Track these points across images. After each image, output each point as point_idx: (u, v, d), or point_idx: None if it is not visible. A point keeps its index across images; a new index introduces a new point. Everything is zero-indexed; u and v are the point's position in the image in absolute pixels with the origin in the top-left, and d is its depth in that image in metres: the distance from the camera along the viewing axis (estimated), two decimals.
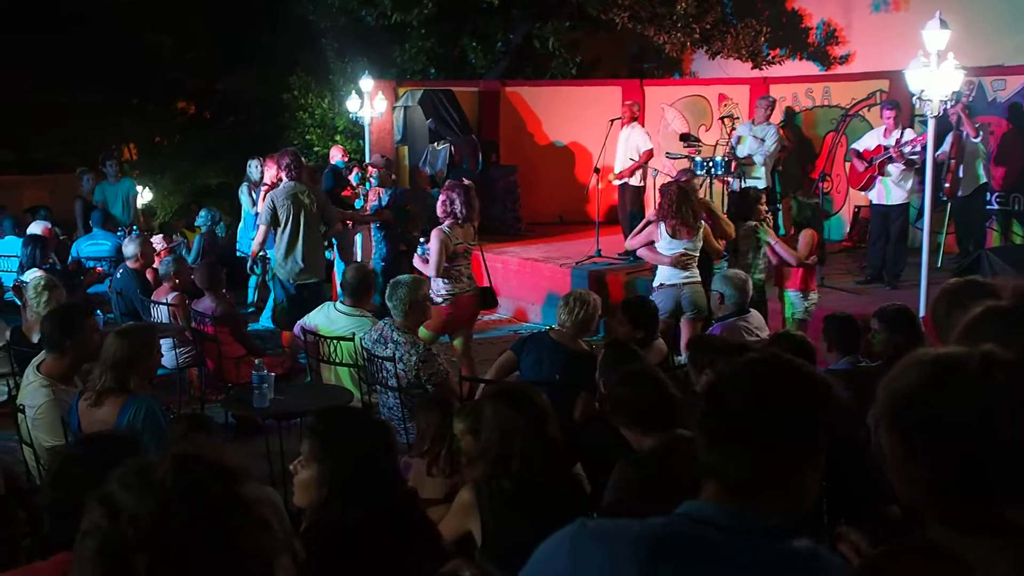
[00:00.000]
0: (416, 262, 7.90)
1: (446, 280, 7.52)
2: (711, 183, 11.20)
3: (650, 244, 7.87)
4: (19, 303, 8.13)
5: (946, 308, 3.97)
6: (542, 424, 3.51)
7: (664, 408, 3.70)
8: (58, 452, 3.95)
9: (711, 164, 11.07)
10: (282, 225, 8.46)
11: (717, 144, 12.28)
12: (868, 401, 1.85)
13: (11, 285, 9.00)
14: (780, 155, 12.58)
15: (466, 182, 8.12)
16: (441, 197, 7.80)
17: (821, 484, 3.62)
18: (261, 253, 9.10)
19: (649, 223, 8.01)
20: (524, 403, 3.56)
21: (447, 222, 7.61)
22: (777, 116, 13.55)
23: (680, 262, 7.66)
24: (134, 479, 1.57)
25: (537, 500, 3.28)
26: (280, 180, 8.92)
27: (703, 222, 7.83)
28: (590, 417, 4.98)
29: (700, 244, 7.74)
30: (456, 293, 7.58)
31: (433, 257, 7.46)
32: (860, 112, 12.82)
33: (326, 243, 10.70)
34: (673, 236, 7.68)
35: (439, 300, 7.40)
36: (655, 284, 7.87)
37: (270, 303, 10.08)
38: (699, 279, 7.72)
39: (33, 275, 8.22)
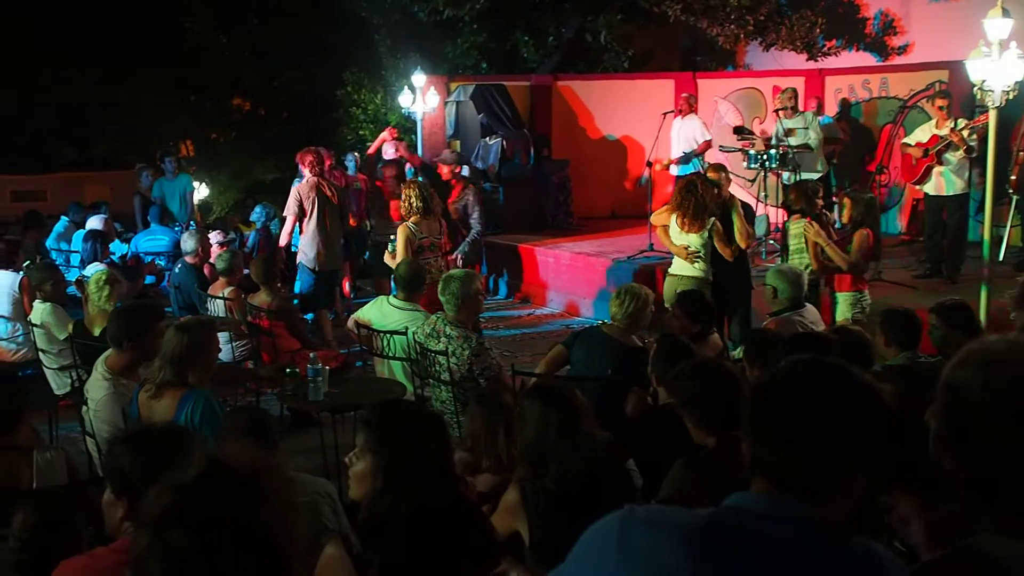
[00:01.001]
0: (386, 258, 8.32)
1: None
2: (765, 176, 11.09)
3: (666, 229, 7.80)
4: (80, 297, 8.29)
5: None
6: (576, 421, 3.48)
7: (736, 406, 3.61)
8: (108, 443, 4.03)
9: (765, 157, 10.95)
10: (308, 216, 9.12)
11: (772, 137, 12.13)
12: (927, 397, 1.84)
13: (74, 279, 9.17)
14: (835, 147, 12.40)
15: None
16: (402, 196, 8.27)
17: (881, 482, 3.57)
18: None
19: None
20: (557, 400, 3.54)
21: (411, 218, 8.04)
22: (832, 106, 13.41)
23: (683, 256, 7.56)
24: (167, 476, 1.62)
25: (583, 497, 3.26)
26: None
27: (712, 219, 7.55)
28: (643, 412, 4.97)
29: (707, 241, 7.52)
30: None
31: (399, 252, 7.90)
32: (919, 103, 12.60)
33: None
34: (681, 229, 7.58)
35: None
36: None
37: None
38: (700, 275, 7.50)
39: (95, 269, 8.37)
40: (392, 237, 8.25)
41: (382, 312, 6.76)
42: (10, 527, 3.38)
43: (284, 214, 9.60)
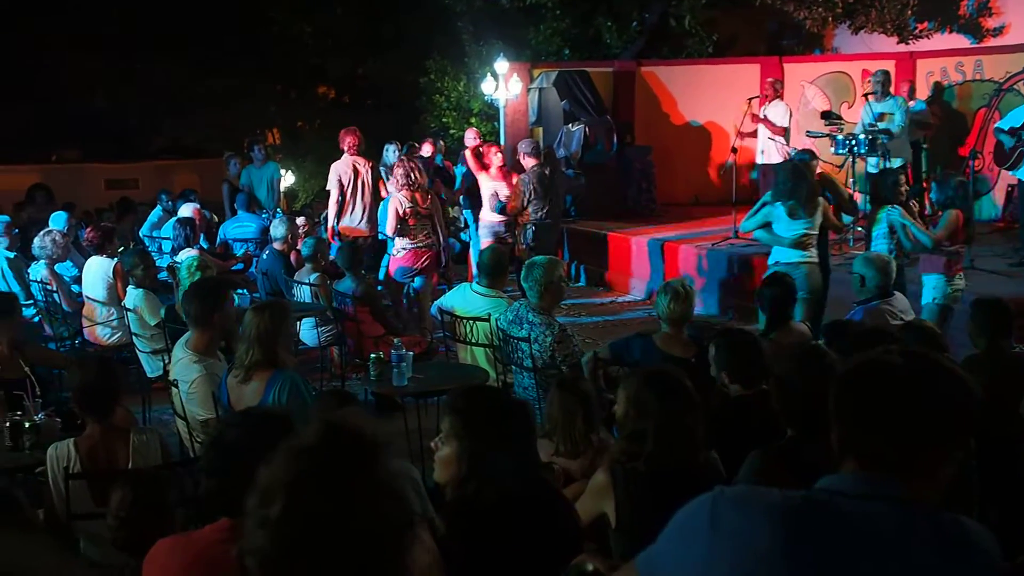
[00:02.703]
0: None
1: (401, 237, 9.09)
2: (854, 162, 10.87)
3: (767, 225, 7.66)
4: (172, 282, 8.50)
5: None
6: (679, 408, 3.47)
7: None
8: (220, 419, 4.14)
9: (853, 142, 10.72)
10: (344, 190, 10.06)
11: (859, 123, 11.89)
12: (1019, 390, 1.81)
13: (165, 266, 9.39)
14: (926, 132, 12.10)
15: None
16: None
17: (973, 477, 3.50)
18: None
19: (764, 204, 7.79)
20: (663, 386, 3.53)
21: (402, 192, 9.03)
22: (924, 90, 13.07)
23: (800, 243, 7.46)
24: (284, 445, 1.66)
25: (672, 483, 3.25)
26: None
27: (821, 199, 7.55)
28: (722, 404, 4.92)
29: (819, 222, 7.49)
30: (409, 247, 9.09)
31: (390, 220, 9.09)
32: (1015, 86, 12.21)
33: (463, 224, 11.28)
34: (791, 216, 7.47)
35: (397, 253, 9.18)
36: (770, 262, 7.68)
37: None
38: (817, 259, 7.49)
39: (187, 255, 8.57)
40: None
41: (465, 299, 6.80)
42: (108, 505, 3.50)
43: (327, 188, 10.45)
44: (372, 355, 6.10)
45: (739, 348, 4.62)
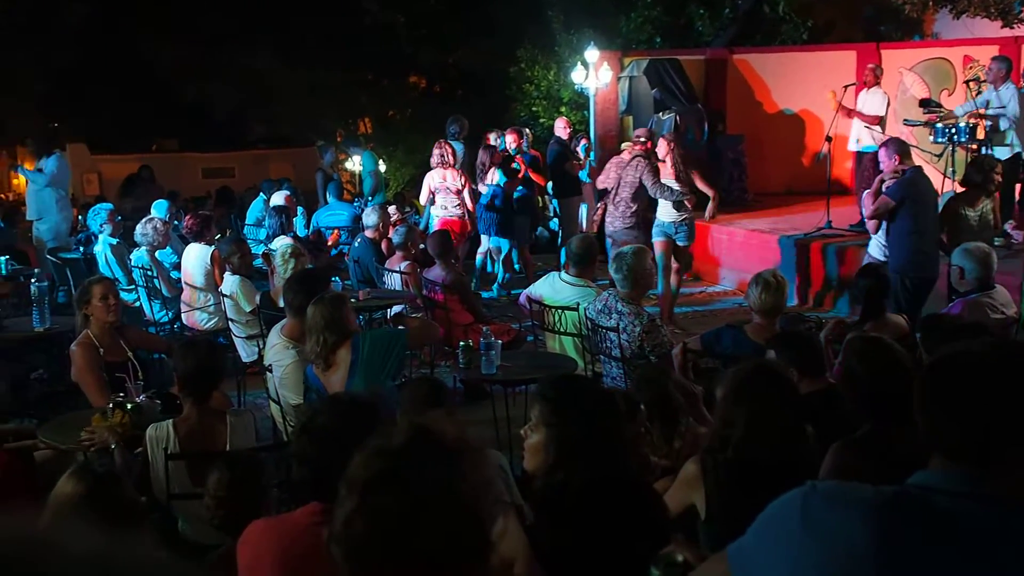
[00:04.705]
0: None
1: (432, 206, 10.82)
2: (953, 151, 10.57)
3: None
4: (267, 270, 8.67)
5: None
6: (769, 400, 3.43)
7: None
8: (309, 406, 4.25)
9: (954, 131, 10.41)
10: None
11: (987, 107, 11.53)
12: None
13: (260, 253, 9.59)
14: None
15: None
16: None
17: None
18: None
19: (880, 193, 7.59)
20: (766, 375, 3.51)
21: (436, 169, 10.66)
22: None
23: None
24: (373, 440, 1.69)
25: (763, 474, 3.22)
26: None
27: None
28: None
29: None
30: (440, 215, 10.67)
31: (423, 192, 10.91)
32: None
33: (552, 214, 11.33)
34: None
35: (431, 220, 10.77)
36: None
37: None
38: None
39: (281, 243, 8.74)
40: None
41: (554, 288, 6.81)
42: (206, 485, 3.60)
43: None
44: (461, 343, 6.15)
45: (800, 342, 4.60)
